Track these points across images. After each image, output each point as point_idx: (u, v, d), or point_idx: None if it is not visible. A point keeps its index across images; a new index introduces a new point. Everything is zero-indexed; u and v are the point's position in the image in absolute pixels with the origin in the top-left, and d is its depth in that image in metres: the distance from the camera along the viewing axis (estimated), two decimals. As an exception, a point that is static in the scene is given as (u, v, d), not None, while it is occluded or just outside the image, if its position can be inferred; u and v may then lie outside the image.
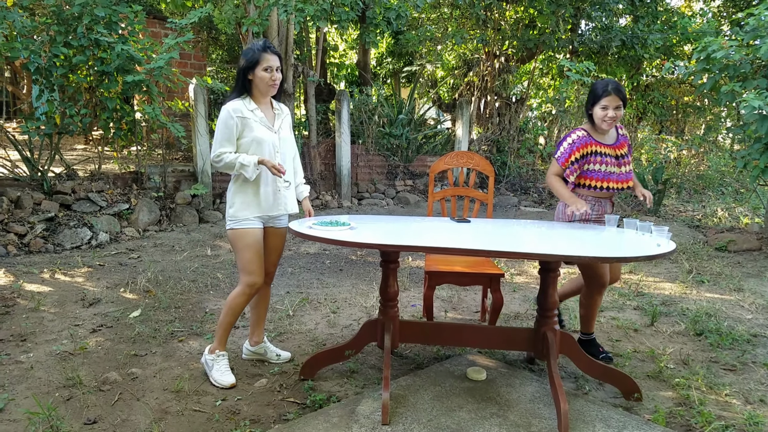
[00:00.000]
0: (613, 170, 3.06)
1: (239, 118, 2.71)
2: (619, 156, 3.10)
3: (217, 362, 2.88)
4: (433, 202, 3.67)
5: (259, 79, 2.73)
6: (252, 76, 2.74)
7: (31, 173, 6.20)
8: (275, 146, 2.80)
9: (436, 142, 10.84)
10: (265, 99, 2.83)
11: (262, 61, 2.70)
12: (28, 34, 5.83)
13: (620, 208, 8.04)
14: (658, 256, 2.37)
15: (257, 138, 2.73)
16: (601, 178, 3.06)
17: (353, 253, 5.73)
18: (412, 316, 3.92)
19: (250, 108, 2.76)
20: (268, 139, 2.76)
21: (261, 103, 2.81)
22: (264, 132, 2.76)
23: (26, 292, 4.20)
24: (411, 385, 2.78)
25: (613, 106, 2.97)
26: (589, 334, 3.27)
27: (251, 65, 2.71)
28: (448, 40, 10.53)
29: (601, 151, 3.07)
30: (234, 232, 2.77)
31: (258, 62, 2.70)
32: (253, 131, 2.73)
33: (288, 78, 8.42)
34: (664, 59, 10.15)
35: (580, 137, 3.09)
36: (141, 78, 5.96)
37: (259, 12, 6.99)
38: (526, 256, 2.43)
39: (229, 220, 2.79)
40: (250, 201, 2.77)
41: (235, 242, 2.78)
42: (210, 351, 2.92)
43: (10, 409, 2.59)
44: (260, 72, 2.72)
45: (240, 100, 2.76)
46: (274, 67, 2.73)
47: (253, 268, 2.77)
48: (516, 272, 5.19)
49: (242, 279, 2.79)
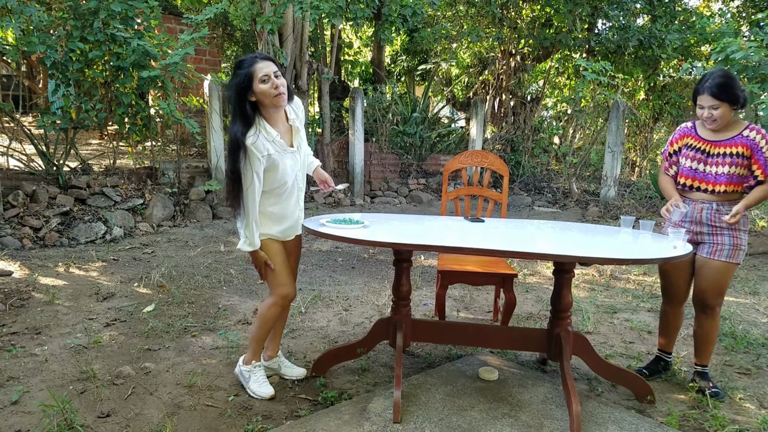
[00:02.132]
0: (696, 167, 2.76)
1: (263, 157, 2.43)
2: (714, 154, 2.71)
3: (254, 374, 2.74)
4: (447, 201, 3.66)
5: (260, 94, 2.40)
6: (253, 97, 2.42)
7: (46, 167, 6.26)
8: (292, 166, 2.57)
9: (449, 140, 10.80)
10: (279, 114, 2.54)
11: (254, 72, 2.37)
12: (45, 29, 5.89)
13: (634, 210, 7.97)
14: (674, 258, 2.34)
15: (280, 170, 2.51)
16: (684, 174, 2.81)
17: (365, 251, 5.73)
18: (424, 315, 3.92)
19: (270, 138, 2.46)
20: (288, 164, 2.53)
21: (276, 122, 2.52)
22: (286, 161, 2.53)
23: (41, 285, 4.25)
24: (422, 383, 2.77)
25: (708, 106, 2.65)
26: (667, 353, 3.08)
27: (246, 84, 2.38)
28: (464, 38, 10.48)
29: (696, 145, 2.78)
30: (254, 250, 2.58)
31: (251, 77, 2.37)
32: (278, 168, 2.49)
33: (302, 75, 8.43)
34: (682, 60, 10.04)
35: (681, 128, 2.88)
36: (156, 74, 6.00)
37: (275, 9, 7.00)
38: (541, 257, 2.41)
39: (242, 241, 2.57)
40: (269, 225, 2.61)
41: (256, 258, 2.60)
42: (245, 362, 2.77)
43: (24, 401, 2.62)
44: (258, 86, 2.39)
45: (253, 135, 2.41)
46: (272, 73, 2.40)
47: (282, 279, 2.63)
48: (529, 272, 5.16)
49: (274, 291, 2.65)
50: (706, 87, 2.63)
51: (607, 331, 3.73)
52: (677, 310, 2.98)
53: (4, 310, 3.71)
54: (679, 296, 2.94)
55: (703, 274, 2.77)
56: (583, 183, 10.06)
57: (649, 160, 10.70)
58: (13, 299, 3.87)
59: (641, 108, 11.12)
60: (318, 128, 9.37)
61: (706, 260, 2.75)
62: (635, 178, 10.61)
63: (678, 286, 2.91)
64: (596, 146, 10.23)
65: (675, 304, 2.96)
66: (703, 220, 2.75)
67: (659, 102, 11.02)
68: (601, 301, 4.34)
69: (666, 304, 3.00)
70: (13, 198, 5.74)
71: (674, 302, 2.96)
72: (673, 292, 2.94)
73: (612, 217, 7.63)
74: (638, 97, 11.37)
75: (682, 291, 2.93)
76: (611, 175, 8.41)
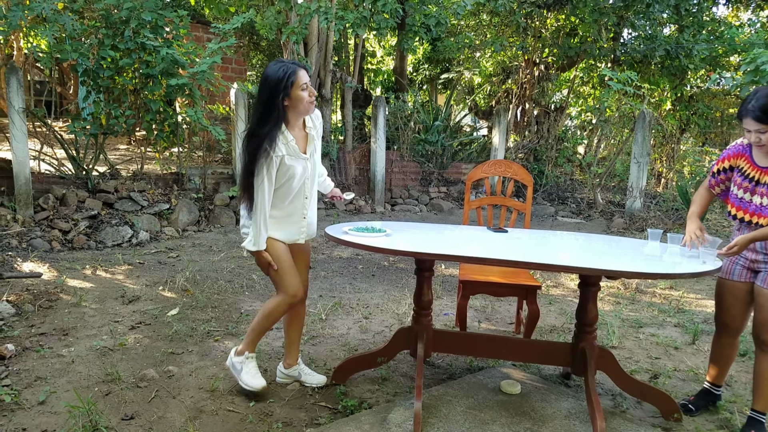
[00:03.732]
0: (742, 196, 2.53)
1: (278, 157, 2.48)
2: (764, 183, 2.45)
3: (246, 365, 2.74)
4: (469, 211, 3.64)
5: (297, 101, 2.47)
6: (288, 101, 2.47)
7: (76, 171, 6.40)
8: (304, 174, 2.60)
9: (471, 149, 10.77)
10: (299, 120, 2.59)
11: (297, 79, 2.44)
12: (78, 37, 6.04)
13: (661, 222, 7.84)
14: (703, 273, 2.30)
15: (289, 174, 2.54)
16: (732, 203, 2.57)
17: (385, 258, 5.73)
18: (445, 325, 3.90)
19: (285, 141, 2.50)
20: (298, 170, 2.56)
21: (294, 127, 2.57)
22: (298, 166, 2.55)
23: (69, 287, 4.33)
24: (443, 395, 2.75)
25: (754, 129, 2.39)
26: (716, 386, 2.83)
27: (285, 87, 2.42)
28: (487, 48, 10.47)
29: (746, 170, 2.52)
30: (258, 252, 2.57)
31: (294, 83, 2.43)
32: (288, 170, 2.52)
33: (326, 84, 8.50)
34: (710, 70, 9.89)
35: (735, 146, 2.60)
36: (184, 81, 6.11)
37: (300, 19, 7.08)
38: (566, 270, 2.38)
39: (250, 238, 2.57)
40: (274, 227, 2.61)
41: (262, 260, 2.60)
42: (237, 353, 2.76)
43: (51, 401, 2.67)
44: (298, 93, 2.45)
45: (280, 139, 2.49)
46: (308, 82, 2.50)
47: (290, 279, 2.62)
48: (552, 284, 5.11)
49: (281, 290, 2.65)
50: (749, 110, 2.38)
51: (632, 346, 3.67)
52: (731, 341, 2.72)
53: (33, 311, 3.79)
54: (733, 326, 2.68)
55: (760, 305, 2.50)
56: (608, 194, 9.94)
57: (675, 171, 10.54)
58: (41, 300, 3.95)
59: (668, 118, 10.97)
60: (340, 136, 9.42)
61: (761, 290, 2.49)
62: (661, 190, 10.45)
63: (733, 316, 2.65)
64: (621, 156, 10.11)
65: (729, 334, 2.71)
66: (757, 248, 2.51)
67: (686, 113, 10.85)
68: (626, 315, 4.27)
69: (719, 334, 2.75)
70: (44, 201, 5.88)
71: (728, 332, 2.70)
72: (726, 321, 2.68)
73: (638, 229, 7.52)
74: (665, 107, 11.22)
75: (738, 321, 2.66)
76: (637, 186, 8.30)
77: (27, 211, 5.74)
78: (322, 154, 8.38)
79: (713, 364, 2.81)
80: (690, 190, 8.43)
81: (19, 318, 3.67)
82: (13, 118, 5.68)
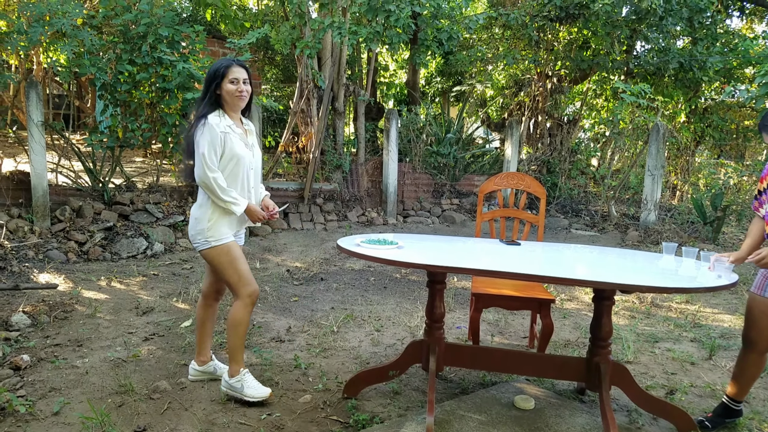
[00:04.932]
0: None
1: (223, 134, 2.66)
2: None
3: (244, 381, 2.80)
4: (482, 223, 3.63)
5: (225, 92, 2.69)
6: (219, 90, 2.70)
7: (92, 184, 6.49)
8: (250, 163, 2.79)
9: (484, 161, 10.76)
10: (236, 114, 2.80)
11: (228, 73, 2.67)
12: (96, 52, 6.15)
13: (676, 235, 7.76)
14: (719, 288, 2.27)
15: (237, 155, 2.70)
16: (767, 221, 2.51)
17: (397, 271, 5.72)
18: (457, 338, 3.87)
19: (228, 123, 2.72)
20: (245, 156, 2.74)
21: (233, 119, 2.77)
22: (242, 149, 2.74)
23: (84, 298, 4.37)
24: (456, 410, 2.73)
25: None
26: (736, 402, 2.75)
27: (217, 78, 2.68)
28: (499, 61, 10.49)
29: None
30: (216, 249, 2.70)
31: (224, 75, 2.67)
32: (234, 148, 2.69)
33: (339, 97, 8.57)
34: (724, 82, 9.82)
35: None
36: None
37: (314, 34, 7.16)
38: (581, 283, 2.36)
39: (205, 239, 2.70)
40: (225, 217, 2.74)
41: (221, 258, 2.71)
42: (231, 375, 2.83)
43: (65, 412, 2.69)
44: (227, 85, 2.68)
45: (217, 116, 2.69)
46: (241, 78, 2.70)
47: (249, 278, 2.76)
48: (566, 298, 5.07)
49: (240, 292, 2.74)
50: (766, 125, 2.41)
51: (648, 361, 3.62)
52: (758, 359, 2.63)
53: (49, 322, 3.83)
54: (762, 343, 2.59)
55: None
56: (622, 206, 9.86)
57: (690, 184, 10.44)
58: (57, 311, 3.99)
59: (682, 131, 10.89)
60: (353, 148, 9.46)
61: None
62: (676, 203, 10.35)
63: (761, 332, 2.57)
64: (635, 169, 10.04)
65: (756, 351, 2.61)
66: None
67: (701, 125, 10.77)
68: (641, 329, 4.22)
69: (746, 350, 2.65)
70: (60, 213, 5.96)
71: (756, 349, 2.61)
72: (755, 337, 2.60)
73: (652, 242, 7.44)
74: (679, 119, 11.14)
75: (767, 338, 2.57)
76: (651, 199, 8.23)
77: (44, 223, 5.82)
78: (335, 166, 8.44)
79: (735, 380, 2.73)
80: (705, 203, 8.35)
81: (35, 329, 3.71)
82: (31, 131, 5.78)
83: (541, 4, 9.14)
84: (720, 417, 2.76)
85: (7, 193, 5.91)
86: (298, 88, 7.90)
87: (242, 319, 2.78)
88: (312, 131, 8.12)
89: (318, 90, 8.14)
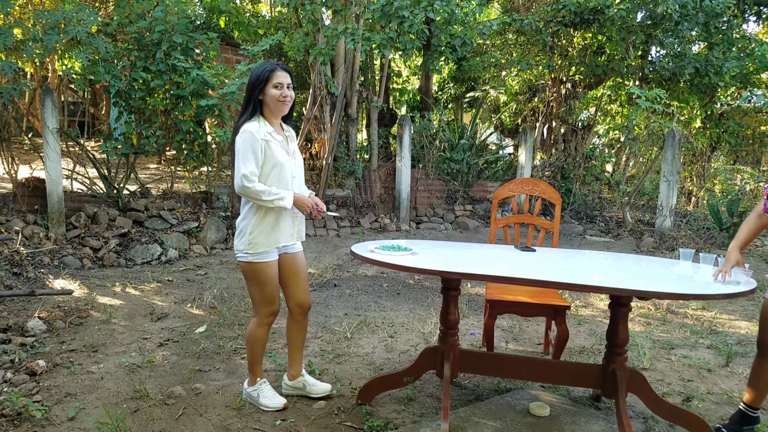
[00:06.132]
0: None
1: (264, 141, 2.58)
2: None
3: (261, 390, 2.84)
4: (496, 229, 3.61)
5: (269, 97, 2.62)
6: (262, 96, 2.64)
7: (107, 190, 6.55)
8: (292, 170, 2.72)
9: (497, 167, 10.72)
10: (276, 120, 2.73)
11: (272, 78, 2.60)
12: (111, 59, 6.22)
13: (692, 241, 7.67)
14: (736, 294, 2.24)
15: (279, 162, 2.62)
16: None
17: (410, 277, 5.70)
18: (471, 345, 3.85)
19: (268, 131, 2.64)
20: (287, 164, 2.66)
21: (274, 125, 2.70)
22: (284, 156, 2.66)
23: (99, 304, 4.40)
24: (470, 417, 2.71)
25: None
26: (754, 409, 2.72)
27: (261, 83, 2.61)
28: (513, 66, 10.46)
29: None
30: (252, 266, 2.65)
31: (268, 80, 2.60)
32: (276, 156, 2.61)
33: (352, 104, 8.59)
34: (741, 87, 9.71)
35: None
36: (214, 102, 6.22)
37: (327, 41, 7.19)
38: (598, 290, 2.34)
39: (245, 252, 2.64)
40: (270, 231, 2.65)
41: (253, 276, 2.67)
42: (249, 384, 2.88)
43: (81, 417, 2.70)
44: (270, 90, 2.61)
45: (256, 122, 2.62)
46: (285, 83, 2.63)
47: (272, 299, 2.72)
48: (582, 304, 5.02)
49: (260, 311, 2.72)
50: None
51: (664, 368, 3.57)
52: None
53: (64, 327, 3.86)
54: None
55: None
56: (637, 212, 9.77)
57: (706, 189, 10.32)
58: (72, 317, 4.03)
59: (698, 136, 10.78)
60: (366, 154, 9.48)
61: None
62: (692, 209, 10.24)
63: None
64: (651, 175, 9.95)
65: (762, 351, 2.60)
66: None
67: (717, 130, 10.65)
68: (657, 336, 4.17)
69: (761, 357, 2.62)
70: (76, 219, 6.02)
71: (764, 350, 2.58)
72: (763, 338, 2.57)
73: (668, 248, 7.36)
74: (694, 125, 11.03)
75: None
76: (667, 205, 8.14)
77: (59, 229, 5.88)
78: (348, 173, 8.46)
79: (752, 387, 2.69)
80: (721, 209, 8.24)
81: (51, 334, 3.74)
82: (47, 138, 5.85)
83: (555, 9, 9.11)
84: (737, 424, 2.71)
85: (22, 200, 5.98)
86: (311, 95, 7.93)
87: (258, 337, 2.78)
88: (325, 138, 8.14)
89: (331, 96, 8.17)
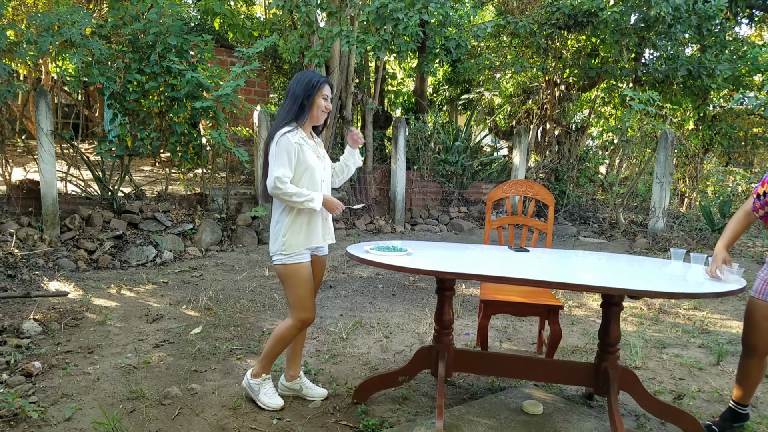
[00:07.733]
0: None
1: (298, 145, 2.67)
2: None
3: (263, 386, 2.86)
4: (490, 230, 3.64)
5: (316, 105, 2.75)
6: (308, 102, 2.74)
7: (102, 192, 6.55)
8: (322, 175, 2.80)
9: (492, 169, 10.78)
10: (309, 128, 2.84)
11: (323, 88, 2.74)
12: (105, 61, 6.22)
13: (684, 242, 7.73)
14: (727, 293, 2.27)
15: (311, 166, 2.71)
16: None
17: (405, 278, 5.73)
18: (465, 344, 3.87)
19: (302, 135, 2.74)
20: (317, 168, 2.75)
21: (306, 131, 2.80)
22: (315, 161, 2.75)
23: (94, 306, 4.40)
24: (464, 415, 2.73)
25: None
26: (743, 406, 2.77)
27: (313, 90, 2.72)
28: (507, 69, 10.52)
29: None
30: (286, 267, 2.70)
31: (320, 89, 2.74)
32: (308, 160, 2.70)
33: (347, 105, 8.62)
34: (733, 90, 9.79)
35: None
36: (209, 104, 6.24)
37: (322, 43, 7.22)
38: (589, 289, 2.37)
39: (279, 254, 2.70)
40: (302, 233, 2.72)
41: (288, 278, 2.72)
42: (254, 375, 2.89)
43: (77, 418, 2.71)
44: (319, 99, 2.75)
45: (292, 127, 2.71)
46: (329, 97, 2.80)
47: (307, 304, 2.74)
48: (575, 304, 5.06)
49: (295, 314, 2.74)
50: None
51: (655, 366, 3.61)
52: (759, 363, 2.64)
53: (60, 329, 3.86)
54: (762, 348, 2.60)
55: None
56: (630, 214, 9.84)
57: (699, 191, 10.40)
58: (67, 319, 4.03)
59: (690, 138, 10.86)
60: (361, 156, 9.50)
61: None
62: (684, 210, 10.31)
63: (762, 337, 2.57)
64: (644, 176, 10.02)
65: (756, 356, 2.63)
66: None
67: (709, 132, 10.73)
68: (649, 335, 4.21)
69: (746, 355, 2.67)
70: (70, 221, 6.01)
71: (755, 354, 2.62)
72: (755, 342, 2.60)
73: (660, 249, 7.42)
74: (687, 127, 11.12)
75: (766, 342, 2.58)
76: (659, 206, 8.21)
77: (54, 231, 5.88)
78: (343, 175, 8.47)
79: (739, 385, 2.74)
80: (714, 210, 8.31)
81: (46, 336, 3.74)
82: (41, 140, 5.85)
83: (549, 12, 9.18)
84: (727, 421, 2.76)
85: (17, 202, 5.97)
86: (306, 97, 7.94)
87: (285, 338, 2.79)
88: (320, 139, 8.15)
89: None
